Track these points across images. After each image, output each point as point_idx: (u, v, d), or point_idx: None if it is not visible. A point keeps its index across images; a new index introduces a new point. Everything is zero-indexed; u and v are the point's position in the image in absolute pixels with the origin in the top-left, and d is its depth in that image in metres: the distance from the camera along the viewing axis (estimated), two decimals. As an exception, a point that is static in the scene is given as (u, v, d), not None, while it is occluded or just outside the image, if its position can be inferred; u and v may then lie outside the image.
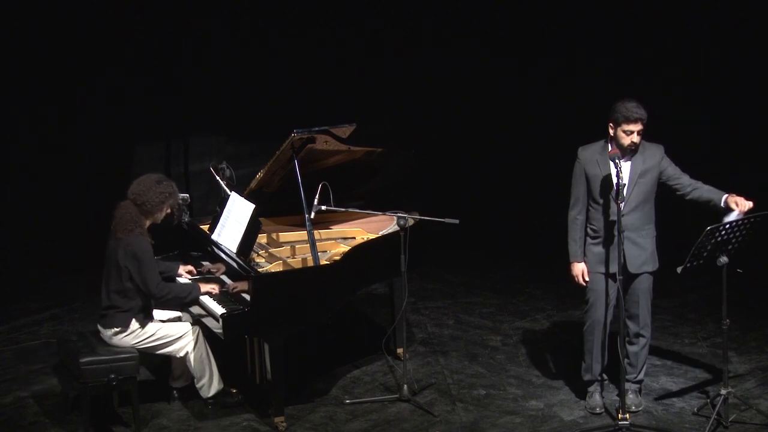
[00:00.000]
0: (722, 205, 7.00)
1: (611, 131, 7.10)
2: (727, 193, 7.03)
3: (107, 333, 7.16)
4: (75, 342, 7.24)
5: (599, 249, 7.19)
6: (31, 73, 10.74)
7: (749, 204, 6.94)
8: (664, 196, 7.23)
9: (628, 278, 7.16)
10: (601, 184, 7.12)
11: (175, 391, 7.58)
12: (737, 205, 6.93)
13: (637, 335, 7.33)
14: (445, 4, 11.51)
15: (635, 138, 7.03)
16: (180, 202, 7.35)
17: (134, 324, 7.15)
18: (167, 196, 7.19)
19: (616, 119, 7.04)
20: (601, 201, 7.13)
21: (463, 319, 9.02)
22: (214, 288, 7.32)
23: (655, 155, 7.15)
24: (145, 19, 10.84)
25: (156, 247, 7.34)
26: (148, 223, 7.18)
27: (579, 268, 7.28)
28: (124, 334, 7.15)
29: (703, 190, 7.11)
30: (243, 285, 7.18)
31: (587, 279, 7.27)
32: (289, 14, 11.19)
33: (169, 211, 7.23)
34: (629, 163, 7.11)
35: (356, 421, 7.35)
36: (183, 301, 7.30)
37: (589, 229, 7.24)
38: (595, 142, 7.22)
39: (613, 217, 7.00)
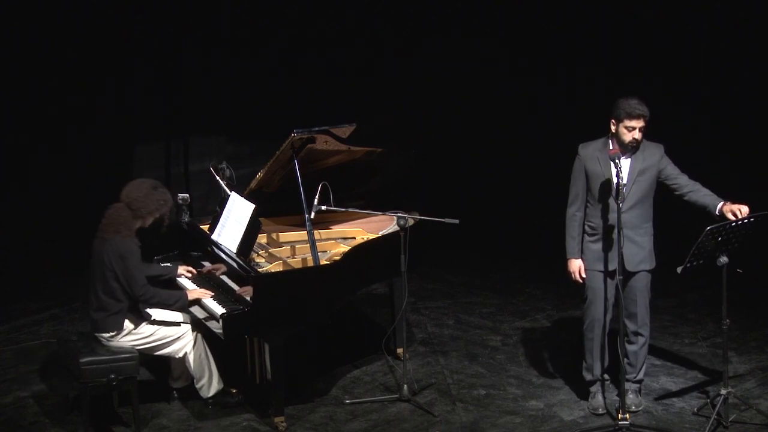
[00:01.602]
0: (717, 213, 6.99)
1: (613, 128, 7.08)
2: (722, 201, 7.01)
3: (103, 336, 7.15)
4: (75, 342, 7.24)
5: (597, 246, 7.18)
6: (32, 73, 10.74)
7: (746, 210, 6.92)
8: (663, 195, 7.23)
9: (626, 276, 7.15)
10: (600, 182, 7.11)
11: (174, 392, 7.57)
12: (733, 214, 6.90)
13: (636, 334, 7.32)
14: (445, 4, 11.50)
15: (637, 135, 7.02)
16: (170, 210, 7.31)
17: (128, 324, 7.14)
18: (162, 204, 7.19)
19: (618, 115, 7.03)
20: (600, 199, 7.13)
21: (463, 319, 9.02)
22: (205, 294, 7.31)
23: (654, 154, 7.14)
24: (145, 19, 10.84)
25: (155, 247, 7.32)
26: (137, 226, 7.17)
27: (576, 265, 7.27)
28: (121, 335, 7.14)
29: (699, 194, 7.09)
30: (250, 290, 7.17)
31: (584, 276, 7.26)
32: (289, 14, 11.19)
33: (158, 216, 7.23)
34: (629, 160, 7.09)
35: (356, 421, 7.35)
36: (169, 308, 7.29)
37: (587, 227, 7.23)
38: (595, 139, 7.22)
39: (612, 216, 6.99)
